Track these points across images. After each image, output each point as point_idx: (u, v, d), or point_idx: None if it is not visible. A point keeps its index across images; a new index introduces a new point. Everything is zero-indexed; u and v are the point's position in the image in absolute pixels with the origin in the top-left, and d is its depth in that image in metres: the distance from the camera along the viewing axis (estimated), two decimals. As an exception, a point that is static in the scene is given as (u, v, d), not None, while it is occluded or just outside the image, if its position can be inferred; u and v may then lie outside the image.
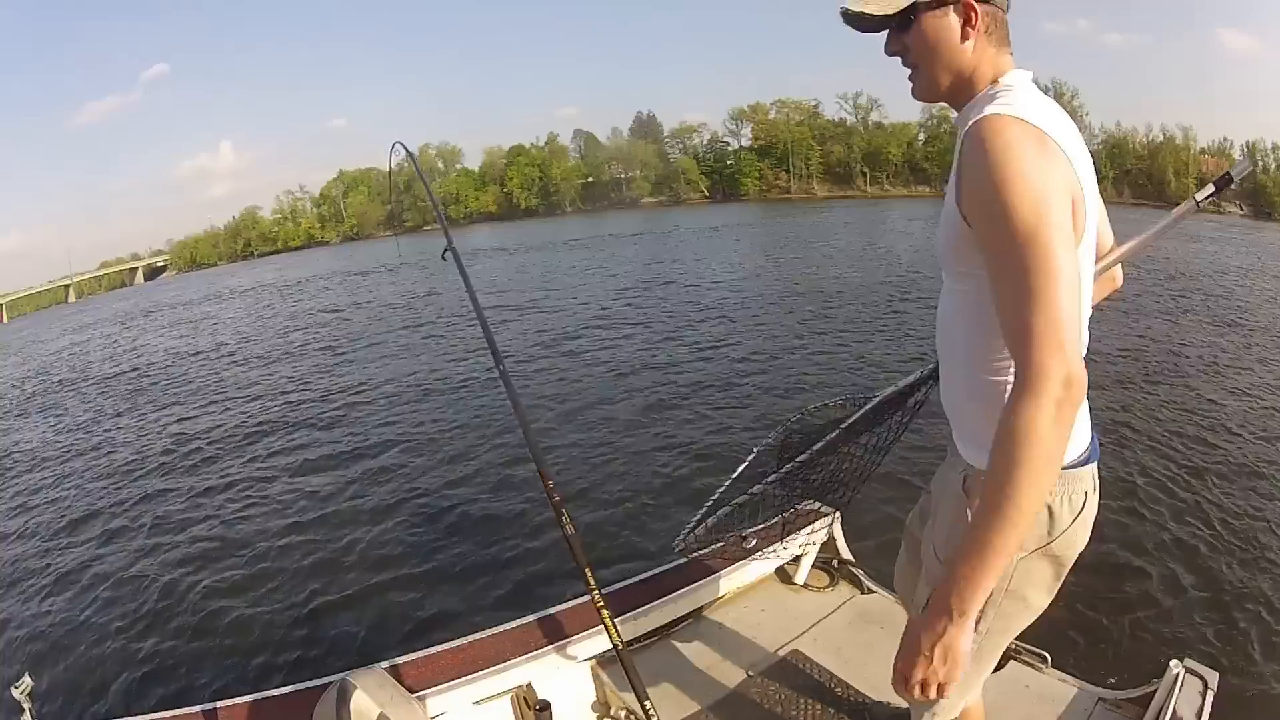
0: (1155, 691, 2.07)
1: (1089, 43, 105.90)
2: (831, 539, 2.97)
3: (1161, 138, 58.89)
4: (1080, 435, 1.34)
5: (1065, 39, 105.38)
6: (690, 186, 73.27)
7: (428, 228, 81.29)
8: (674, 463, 6.33)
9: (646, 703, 2.14)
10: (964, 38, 1.28)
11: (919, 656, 1.22)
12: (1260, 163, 51.31)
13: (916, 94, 1.38)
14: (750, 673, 2.51)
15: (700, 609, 2.83)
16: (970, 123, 1.19)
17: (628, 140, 78.84)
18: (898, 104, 71.58)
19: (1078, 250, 1.19)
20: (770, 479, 2.09)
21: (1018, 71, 1.31)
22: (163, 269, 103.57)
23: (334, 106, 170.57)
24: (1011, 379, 1.14)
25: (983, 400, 1.34)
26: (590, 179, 78.52)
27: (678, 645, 2.68)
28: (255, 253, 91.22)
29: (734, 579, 2.87)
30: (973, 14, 1.27)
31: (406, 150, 3.25)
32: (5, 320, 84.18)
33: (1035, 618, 1.51)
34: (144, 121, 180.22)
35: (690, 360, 10.17)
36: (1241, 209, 48.65)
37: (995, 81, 1.30)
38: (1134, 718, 2.09)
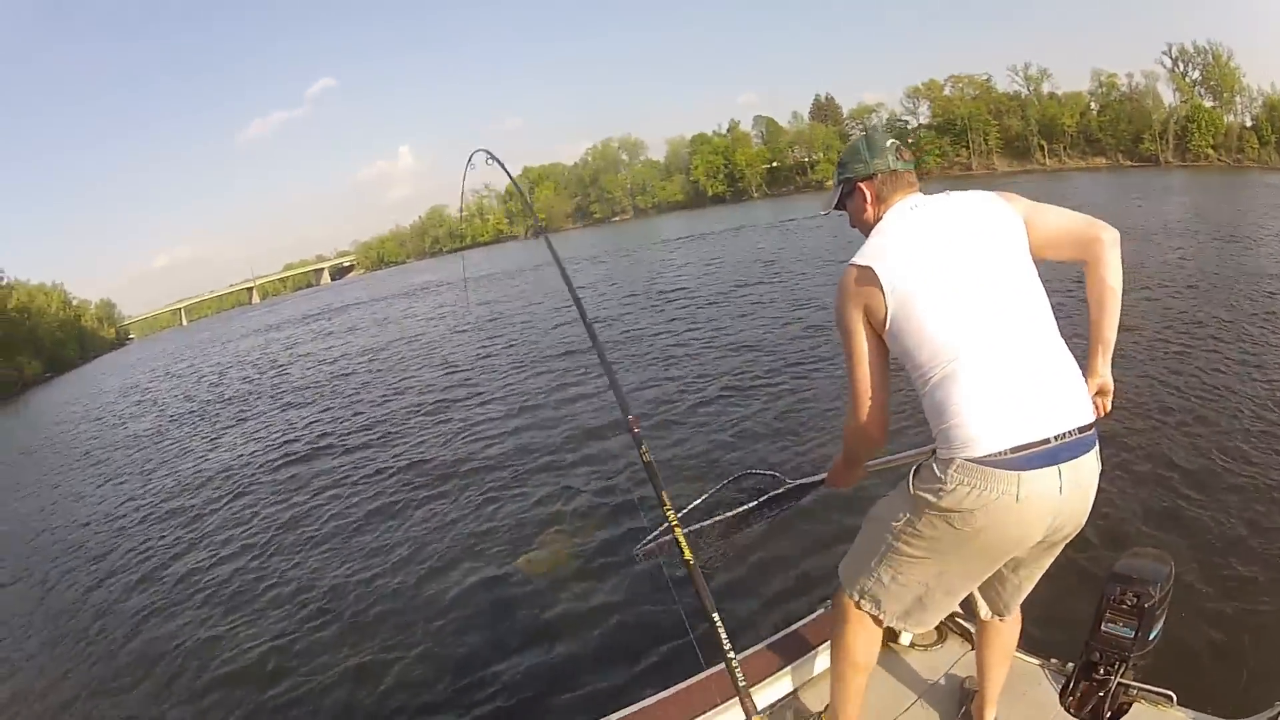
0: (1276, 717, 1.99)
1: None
2: None
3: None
4: (993, 434, 1.66)
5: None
6: (874, 166, 73.56)
7: (616, 218, 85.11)
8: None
9: None
10: (861, 209, 1.96)
11: None
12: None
13: None
14: None
15: (798, 690, 2.59)
16: None
17: (808, 124, 79.75)
18: (1066, 74, 70.00)
19: (889, 333, 1.77)
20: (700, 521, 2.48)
21: (886, 216, 1.88)
22: (349, 268, 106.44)
23: (507, 108, 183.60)
24: (922, 388, 1.77)
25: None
26: (774, 164, 79.92)
27: None
28: (444, 249, 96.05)
29: None
30: (860, 192, 1.95)
31: (491, 155, 3.40)
32: (184, 324, 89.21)
33: (957, 590, 1.93)
34: (315, 133, 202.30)
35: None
36: None
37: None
38: None
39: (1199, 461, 5.41)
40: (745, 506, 2.55)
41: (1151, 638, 2.17)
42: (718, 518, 2.52)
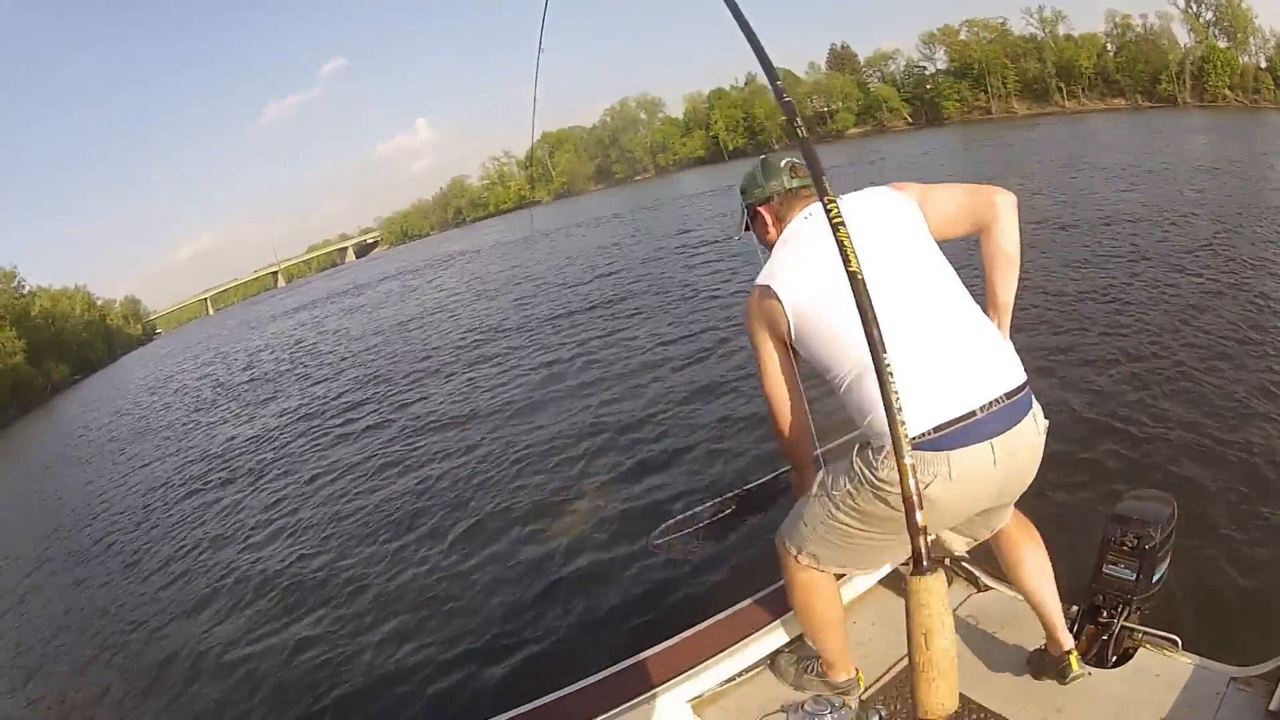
0: None
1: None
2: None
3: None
4: (914, 418, 1.58)
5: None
6: (893, 114, 72.75)
7: (637, 178, 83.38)
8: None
9: None
10: (765, 232, 2.05)
11: None
12: None
13: None
14: (863, 697, 2.29)
15: (802, 635, 2.49)
16: None
17: (825, 73, 78.51)
18: (1081, 15, 67.67)
19: (803, 329, 1.82)
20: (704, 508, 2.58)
21: (784, 232, 1.98)
22: (374, 245, 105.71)
23: (522, 76, 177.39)
24: (840, 389, 1.81)
25: None
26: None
27: (777, 679, 2.45)
28: (467, 219, 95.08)
29: (842, 594, 2.44)
30: (760, 216, 2.05)
31: None
32: (211, 313, 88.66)
33: (898, 554, 2.12)
34: (331, 112, 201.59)
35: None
36: None
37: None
38: (1267, 693, 1.89)
39: (1213, 403, 5.29)
40: (729, 494, 2.65)
41: (1155, 580, 2.17)
42: (698, 509, 2.63)
